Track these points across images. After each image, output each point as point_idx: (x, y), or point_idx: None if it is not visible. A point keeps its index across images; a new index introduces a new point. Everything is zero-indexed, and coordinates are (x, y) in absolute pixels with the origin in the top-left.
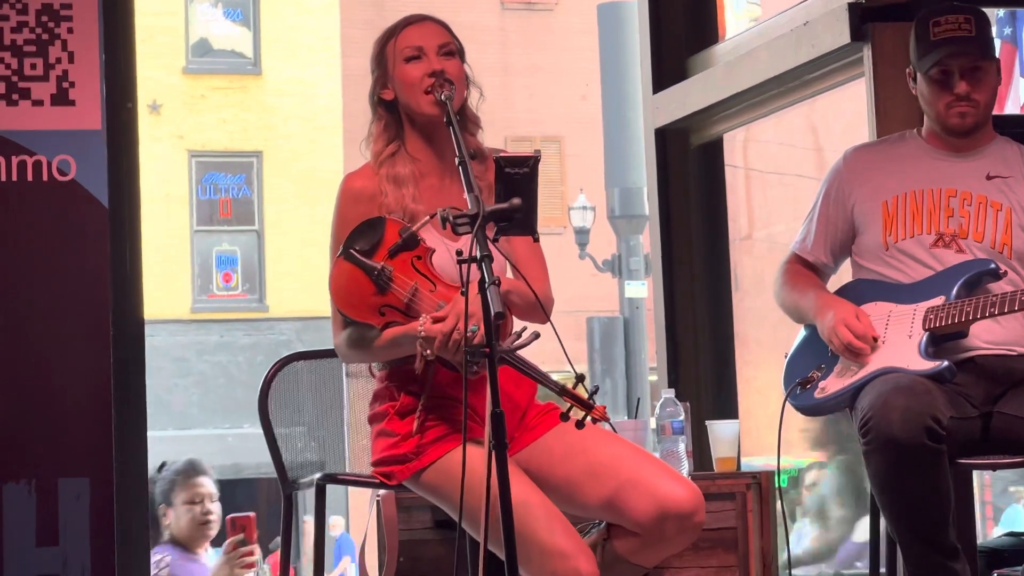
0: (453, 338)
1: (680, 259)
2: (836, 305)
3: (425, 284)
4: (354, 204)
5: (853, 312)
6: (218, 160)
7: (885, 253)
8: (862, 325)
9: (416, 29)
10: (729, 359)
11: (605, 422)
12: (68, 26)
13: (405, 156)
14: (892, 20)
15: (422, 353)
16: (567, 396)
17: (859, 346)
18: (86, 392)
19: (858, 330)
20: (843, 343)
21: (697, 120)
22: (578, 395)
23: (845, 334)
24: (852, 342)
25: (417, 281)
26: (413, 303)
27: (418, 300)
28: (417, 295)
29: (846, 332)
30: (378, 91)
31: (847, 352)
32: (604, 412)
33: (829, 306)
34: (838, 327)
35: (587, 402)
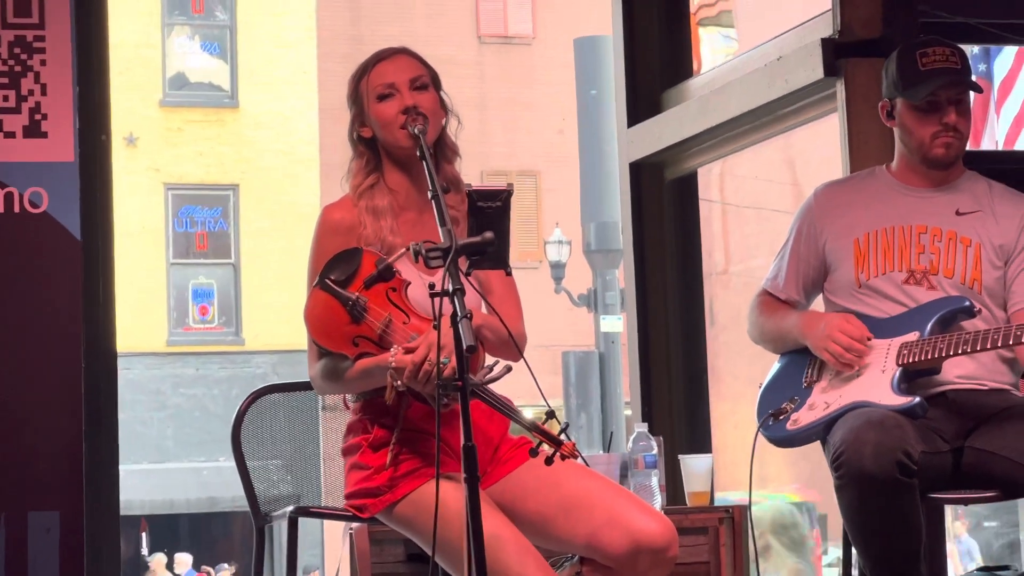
0: (424, 369)
1: (654, 294)
2: (825, 316)
3: (399, 316)
4: (332, 235)
5: (843, 318)
6: (194, 193)
7: (857, 290)
8: (856, 328)
9: (387, 65)
10: (703, 393)
11: (575, 458)
12: (41, 58)
13: (384, 188)
14: (864, 56)
15: (392, 384)
16: (536, 432)
17: (858, 348)
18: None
19: (854, 333)
20: (844, 347)
21: (671, 154)
22: (548, 431)
23: (844, 339)
24: (854, 345)
25: (391, 313)
26: (386, 334)
27: (391, 331)
28: (390, 326)
29: (844, 337)
30: (356, 129)
31: (848, 355)
32: (574, 449)
33: (817, 319)
34: (833, 333)
35: (556, 438)
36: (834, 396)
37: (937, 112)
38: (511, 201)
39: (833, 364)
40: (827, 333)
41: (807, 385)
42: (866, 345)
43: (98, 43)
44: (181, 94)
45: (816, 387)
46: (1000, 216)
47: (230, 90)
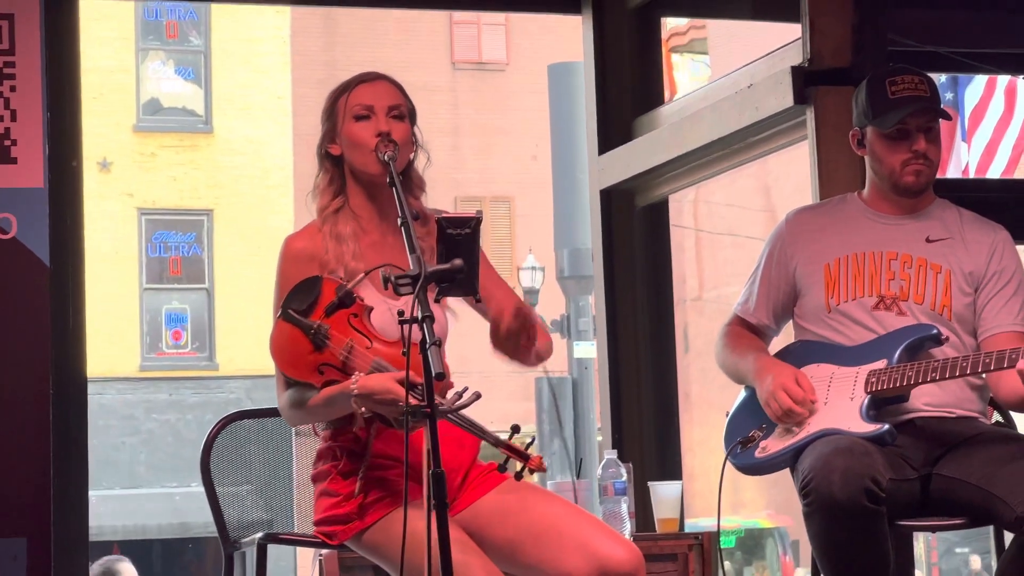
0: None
1: (624, 320)
2: (775, 369)
3: (361, 341)
4: (294, 264)
5: (792, 376)
6: (168, 218)
7: (827, 316)
8: (801, 391)
9: (368, 88)
10: (673, 420)
11: (543, 471)
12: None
13: (348, 213)
14: (834, 84)
15: (358, 411)
16: (503, 448)
17: (798, 412)
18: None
19: (797, 395)
20: (783, 409)
21: (642, 181)
22: (514, 446)
23: (785, 400)
24: (792, 408)
25: (352, 338)
26: (349, 360)
27: (354, 357)
28: (352, 352)
29: (785, 398)
30: (326, 145)
31: (785, 418)
32: (541, 463)
33: (768, 369)
34: (777, 392)
35: (524, 453)
36: (802, 424)
37: (907, 140)
38: (480, 228)
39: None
40: (771, 389)
41: None
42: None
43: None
44: (155, 119)
45: None
46: (970, 243)
47: (204, 115)
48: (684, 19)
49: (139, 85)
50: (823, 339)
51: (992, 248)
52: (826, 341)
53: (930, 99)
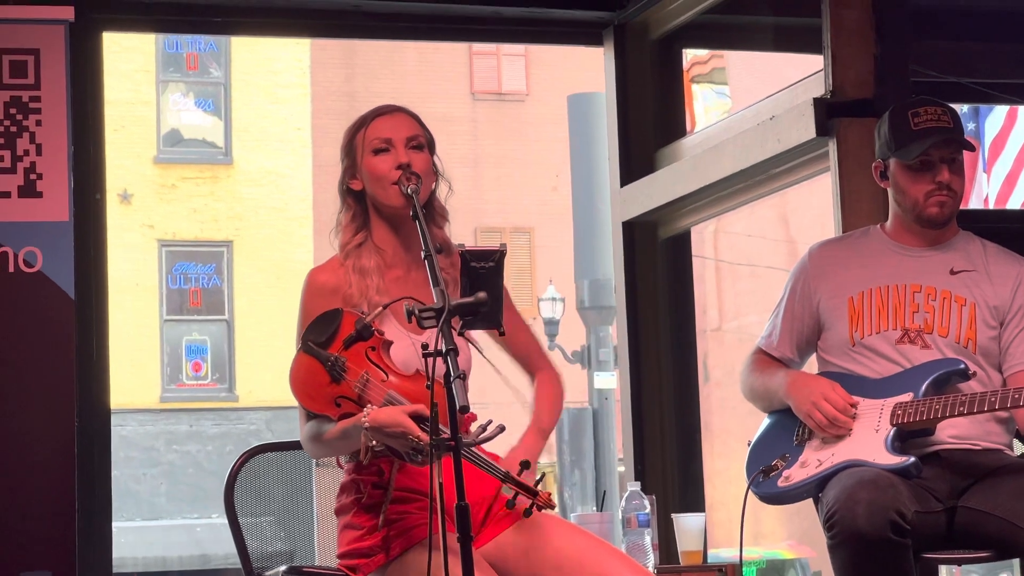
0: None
1: (647, 351)
2: (811, 381)
3: (377, 374)
4: (318, 298)
5: (830, 385)
6: (188, 250)
7: (851, 349)
8: (840, 397)
9: (386, 120)
10: (696, 451)
11: (551, 508)
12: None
13: (371, 247)
14: (856, 115)
15: (367, 444)
16: (511, 484)
17: (844, 419)
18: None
19: (839, 403)
20: (828, 417)
21: (665, 213)
22: (523, 482)
23: (828, 408)
24: (837, 416)
25: (368, 371)
26: (364, 393)
27: (368, 390)
28: (368, 385)
29: (829, 407)
30: (347, 181)
31: (830, 427)
32: (549, 499)
33: (803, 383)
34: (819, 402)
35: (531, 489)
36: (826, 454)
37: (930, 171)
38: (504, 261)
39: (816, 431)
40: (812, 400)
41: (798, 442)
42: (850, 415)
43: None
44: (175, 151)
45: (808, 445)
46: (995, 276)
47: (224, 147)
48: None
49: (159, 117)
50: (847, 371)
51: (1017, 282)
52: (850, 373)
53: (953, 130)
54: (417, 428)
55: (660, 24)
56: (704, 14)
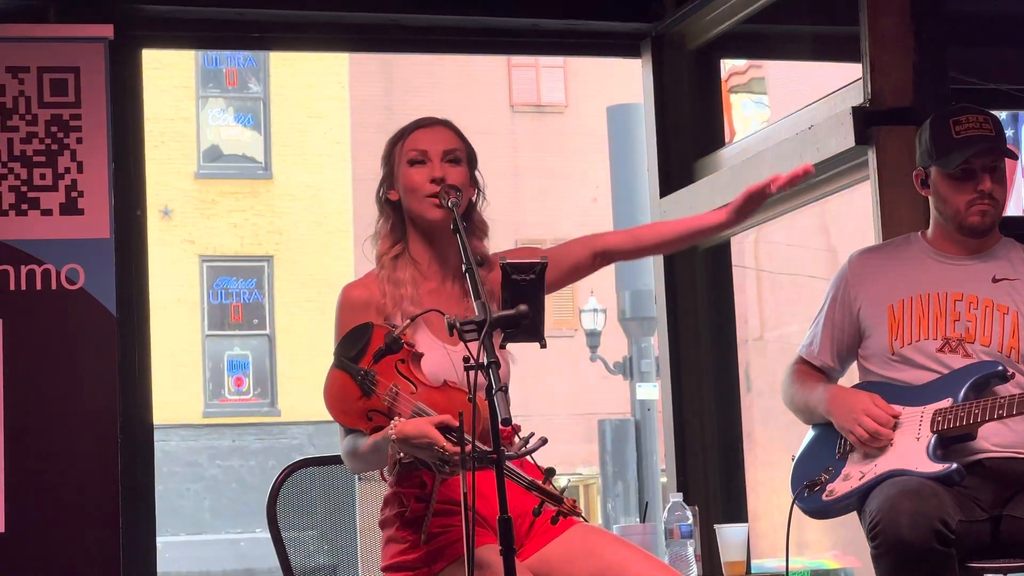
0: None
1: (688, 362)
2: (851, 396)
3: (406, 386)
4: (350, 313)
5: (870, 399)
6: (229, 264)
7: (891, 357)
8: (882, 412)
9: (425, 133)
10: (738, 462)
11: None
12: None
13: (407, 259)
14: (896, 124)
15: (394, 456)
16: (536, 492)
17: (885, 433)
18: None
19: (881, 417)
20: (869, 432)
21: None
22: (548, 490)
23: (869, 423)
24: (879, 430)
25: (397, 383)
26: (394, 406)
27: (398, 402)
28: (397, 397)
29: (870, 422)
30: (385, 190)
31: (872, 441)
32: (575, 505)
33: (843, 397)
34: (860, 417)
35: (556, 496)
36: (869, 466)
37: (972, 180)
38: (545, 274)
39: (857, 446)
40: (853, 416)
41: (841, 455)
42: (892, 429)
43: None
44: (215, 166)
45: (850, 457)
46: None
47: (264, 161)
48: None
49: (199, 132)
50: (888, 380)
51: None
52: (891, 382)
53: (995, 138)
54: (443, 438)
55: (698, 34)
56: (742, 24)
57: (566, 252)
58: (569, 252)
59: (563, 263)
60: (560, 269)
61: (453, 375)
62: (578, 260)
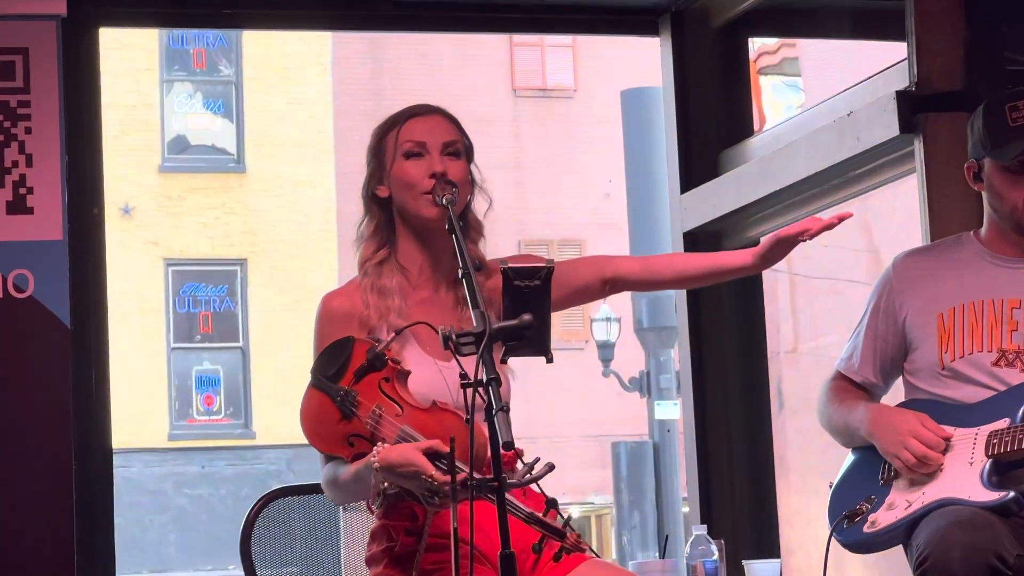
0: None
1: (713, 377)
2: (896, 416)
3: (391, 408)
4: (330, 325)
5: (917, 419)
6: (198, 269)
7: (941, 372)
8: (931, 434)
9: (421, 122)
10: (769, 489)
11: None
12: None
13: (393, 265)
14: (945, 110)
15: (378, 487)
16: (536, 526)
17: (934, 457)
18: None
19: (929, 440)
20: (917, 456)
21: (731, 222)
22: (549, 524)
23: (917, 447)
24: (927, 454)
25: (381, 404)
26: (377, 430)
27: (381, 426)
28: (381, 420)
29: (918, 444)
30: (372, 186)
31: (920, 467)
32: (579, 541)
33: (887, 417)
34: (907, 440)
35: (559, 530)
36: (916, 494)
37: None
38: (552, 279)
39: (904, 472)
40: (899, 439)
41: (884, 482)
42: (942, 453)
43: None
44: (182, 159)
45: (895, 484)
46: None
47: (236, 153)
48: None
49: (164, 121)
50: (937, 398)
51: None
52: (941, 400)
53: None
54: (431, 467)
55: (723, 10)
56: None
57: (573, 271)
58: (576, 272)
59: (569, 282)
60: (564, 288)
61: (445, 395)
62: (586, 283)
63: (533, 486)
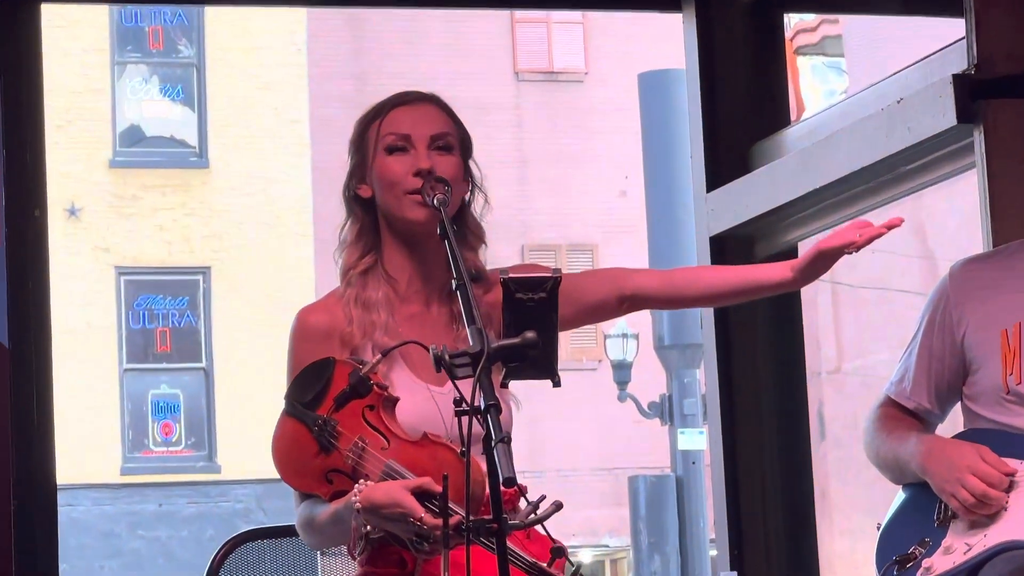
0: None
1: (744, 402)
2: (952, 449)
3: (375, 440)
4: (307, 345)
5: (976, 453)
6: (154, 279)
7: (1005, 396)
8: (993, 469)
9: (407, 112)
10: (808, 529)
11: None
12: None
13: (379, 275)
14: (1008, 96)
15: (360, 530)
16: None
17: (996, 496)
18: None
19: (990, 476)
20: (976, 495)
21: (764, 225)
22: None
23: (975, 484)
24: (988, 492)
25: (365, 435)
26: (359, 464)
27: (365, 460)
28: (364, 454)
29: (976, 482)
30: (354, 185)
31: (979, 507)
32: None
33: (942, 451)
34: (964, 477)
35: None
36: (976, 536)
37: None
38: (559, 291)
39: (961, 513)
40: (956, 475)
41: (940, 523)
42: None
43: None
44: (135, 152)
45: (952, 525)
46: None
47: (198, 146)
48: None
49: (115, 109)
50: (1001, 427)
51: None
52: (1004, 429)
53: None
54: (420, 508)
55: None
56: None
57: (585, 285)
58: (589, 286)
59: (581, 298)
60: (575, 305)
61: (438, 425)
62: (601, 299)
63: (538, 528)
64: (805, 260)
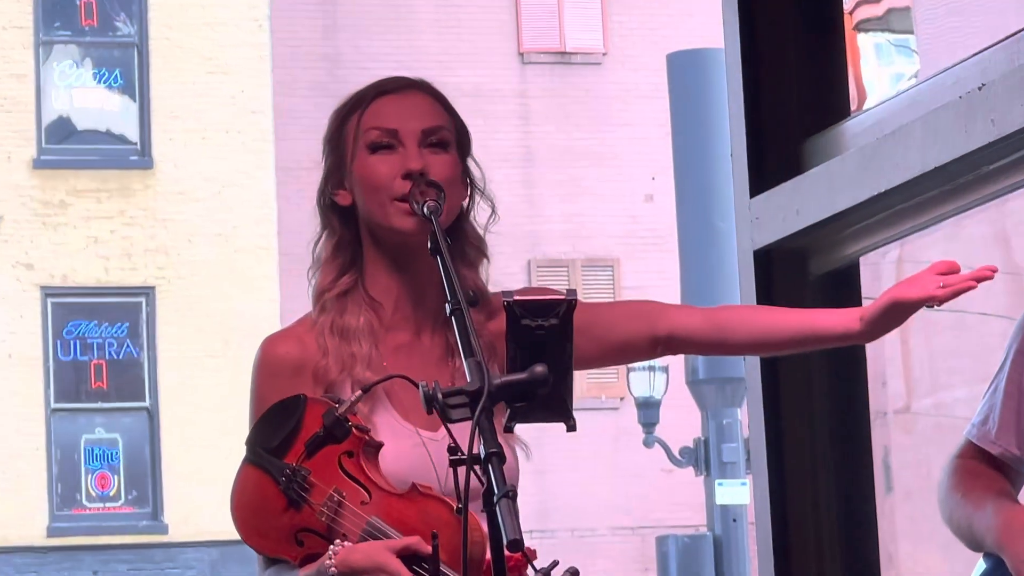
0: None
1: (795, 447)
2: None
3: (354, 493)
4: (274, 381)
5: None
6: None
7: None
8: None
9: (392, 102)
10: None
11: None
12: None
13: (360, 299)
14: None
15: None
16: None
17: None
18: None
19: None
20: None
21: (819, 236)
22: None
23: None
24: None
25: (341, 488)
26: (335, 522)
27: (342, 517)
28: (341, 509)
29: None
30: (330, 191)
31: None
32: None
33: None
34: None
35: None
36: None
37: None
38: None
39: None
40: None
41: None
42: None
43: None
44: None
45: None
46: None
47: (140, 142)
48: None
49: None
50: None
51: None
52: None
53: None
54: (408, 573)
55: None
56: None
57: (612, 319)
58: (617, 321)
59: (607, 335)
60: (600, 342)
61: (430, 476)
62: (630, 338)
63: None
64: (877, 310)
